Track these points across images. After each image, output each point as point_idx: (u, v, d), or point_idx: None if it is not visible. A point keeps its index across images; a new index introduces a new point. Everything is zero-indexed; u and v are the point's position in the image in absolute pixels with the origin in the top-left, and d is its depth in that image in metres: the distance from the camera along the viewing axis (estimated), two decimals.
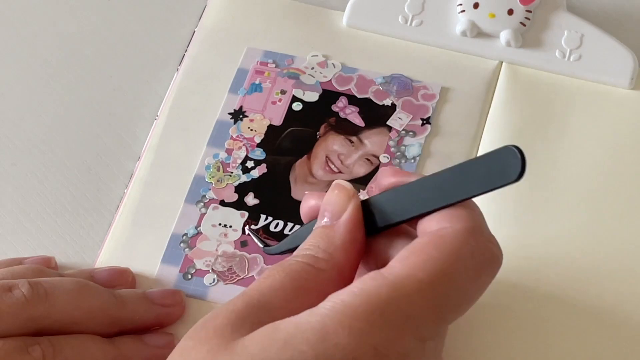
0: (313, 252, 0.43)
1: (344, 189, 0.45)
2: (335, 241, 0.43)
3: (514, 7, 0.61)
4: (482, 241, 0.42)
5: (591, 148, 0.58)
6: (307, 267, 0.42)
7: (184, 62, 0.62)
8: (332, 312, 0.39)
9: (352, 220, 0.44)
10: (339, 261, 0.43)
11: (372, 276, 0.40)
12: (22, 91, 0.62)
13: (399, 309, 0.39)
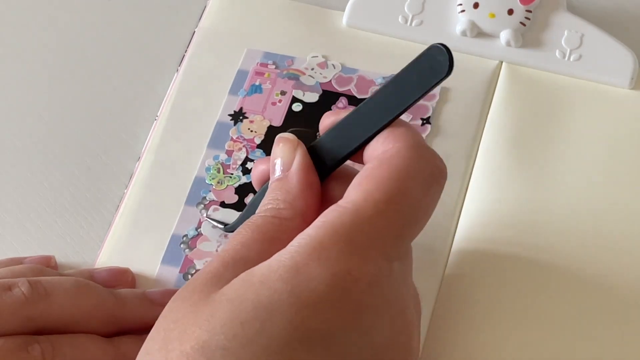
0: (274, 204, 0.45)
1: (287, 140, 0.47)
2: (292, 189, 0.45)
3: (514, 7, 0.61)
4: (426, 155, 0.44)
5: (591, 148, 0.58)
6: (272, 219, 0.44)
7: (183, 63, 0.62)
8: (300, 248, 0.41)
9: (302, 166, 0.46)
10: (300, 207, 0.45)
11: (333, 208, 0.42)
12: (22, 91, 0.62)
13: (363, 232, 0.41)
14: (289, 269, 0.40)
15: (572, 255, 0.54)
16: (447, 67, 0.43)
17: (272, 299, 0.39)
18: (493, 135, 0.58)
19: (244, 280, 0.41)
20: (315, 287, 0.40)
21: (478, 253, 0.54)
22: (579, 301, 0.52)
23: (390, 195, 0.42)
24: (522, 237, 0.54)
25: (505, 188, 0.56)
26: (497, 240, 0.54)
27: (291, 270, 0.40)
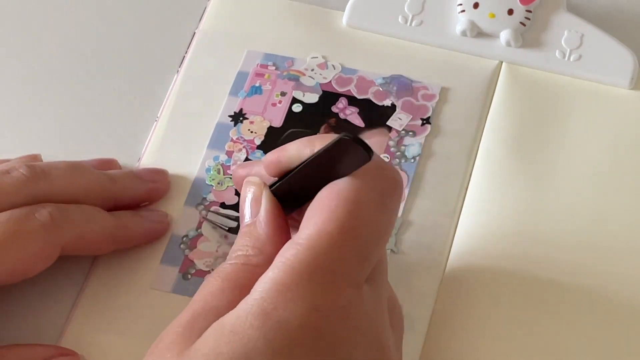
0: (243, 251, 0.45)
1: (254, 184, 0.47)
2: (261, 236, 0.45)
3: (514, 7, 0.61)
4: (375, 171, 0.43)
5: (591, 148, 0.58)
6: (242, 267, 0.44)
7: (184, 65, 0.62)
8: (264, 293, 0.40)
9: (269, 212, 0.45)
10: (270, 253, 0.44)
11: (288, 246, 0.42)
12: (22, 92, 0.62)
13: (322, 267, 0.41)
14: (258, 315, 0.40)
15: (572, 253, 0.54)
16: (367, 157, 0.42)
17: (247, 349, 0.39)
18: (493, 135, 0.58)
19: (215, 331, 0.40)
20: (286, 330, 0.39)
21: (478, 253, 0.54)
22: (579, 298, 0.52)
23: (343, 223, 0.42)
24: (522, 236, 0.54)
25: (505, 188, 0.56)
26: (497, 240, 0.54)
27: (260, 317, 0.40)
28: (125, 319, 0.52)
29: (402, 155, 0.57)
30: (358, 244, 0.42)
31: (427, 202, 0.56)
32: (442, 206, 0.56)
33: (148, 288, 0.53)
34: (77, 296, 0.53)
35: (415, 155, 0.57)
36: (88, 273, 0.54)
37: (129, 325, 0.52)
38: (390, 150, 0.57)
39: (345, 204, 0.42)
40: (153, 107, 0.61)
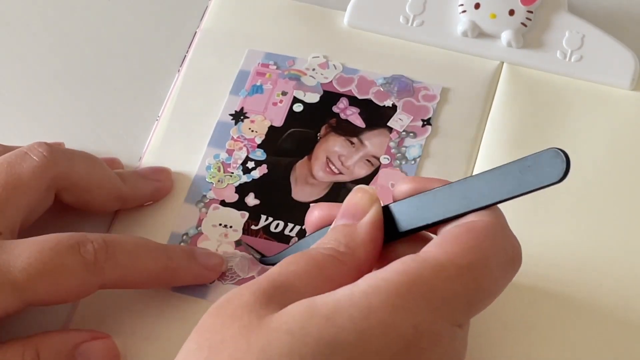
0: (335, 245, 0.44)
1: (366, 192, 0.46)
2: (357, 238, 0.44)
3: (515, 8, 0.61)
4: (510, 237, 0.44)
5: (592, 149, 0.58)
6: (330, 258, 0.43)
7: (185, 64, 0.62)
8: (375, 290, 0.40)
9: (374, 221, 0.45)
10: (359, 258, 0.44)
11: (413, 258, 0.41)
12: (22, 91, 0.62)
13: (439, 292, 0.40)
14: (361, 309, 0.39)
15: (572, 252, 0.54)
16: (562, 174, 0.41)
17: (337, 338, 0.38)
18: (494, 136, 0.58)
19: (306, 311, 0.39)
20: (381, 334, 0.39)
21: None
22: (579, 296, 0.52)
23: (474, 263, 0.41)
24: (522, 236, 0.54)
25: None
26: None
27: (362, 311, 0.39)
28: (125, 317, 0.52)
29: (403, 156, 0.57)
30: (475, 291, 0.41)
31: None
32: None
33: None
34: None
35: (416, 156, 0.57)
36: None
37: (129, 324, 0.52)
38: (391, 151, 0.57)
39: (481, 248, 0.42)
40: (154, 106, 0.61)
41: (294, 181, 0.57)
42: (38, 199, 0.50)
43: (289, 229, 0.55)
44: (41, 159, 0.50)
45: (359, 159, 0.57)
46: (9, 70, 0.63)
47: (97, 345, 0.49)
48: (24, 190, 0.49)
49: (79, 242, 0.48)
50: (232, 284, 0.53)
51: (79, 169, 0.52)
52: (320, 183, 0.56)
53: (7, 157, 0.50)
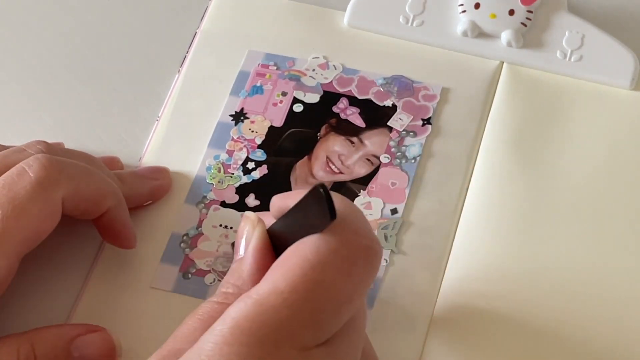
0: (224, 288, 0.43)
1: (247, 219, 0.45)
2: (243, 274, 0.43)
3: (515, 8, 0.61)
4: (346, 236, 0.41)
5: (592, 148, 0.58)
6: (216, 306, 0.42)
7: (185, 64, 0.62)
8: (212, 345, 0.39)
9: (256, 250, 0.43)
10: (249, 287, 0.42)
11: (242, 299, 0.40)
12: (23, 91, 0.62)
13: (267, 325, 0.39)
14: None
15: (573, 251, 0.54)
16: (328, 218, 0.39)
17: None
18: (494, 136, 0.58)
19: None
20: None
21: (478, 253, 0.54)
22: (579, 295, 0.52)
23: (296, 283, 0.39)
24: (523, 236, 0.54)
25: (505, 188, 0.56)
26: (497, 240, 0.54)
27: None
28: (125, 318, 0.52)
29: (403, 155, 0.57)
30: (310, 307, 0.39)
31: (428, 202, 0.56)
32: (442, 206, 0.56)
33: (148, 287, 0.53)
34: (77, 295, 0.53)
35: (416, 155, 0.57)
36: (88, 272, 0.54)
37: (129, 324, 0.52)
38: (391, 150, 0.57)
39: (302, 264, 0.40)
40: (154, 107, 0.61)
41: (294, 181, 0.57)
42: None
43: None
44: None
45: (359, 158, 0.57)
46: (9, 70, 0.63)
47: (92, 338, 0.49)
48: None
49: (24, 166, 0.48)
50: None
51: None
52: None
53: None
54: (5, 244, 0.46)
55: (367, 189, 0.56)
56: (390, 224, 0.55)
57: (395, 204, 0.56)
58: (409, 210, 0.55)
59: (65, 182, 0.49)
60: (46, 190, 0.48)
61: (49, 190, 0.48)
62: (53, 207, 0.48)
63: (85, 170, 0.50)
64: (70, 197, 0.49)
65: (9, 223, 0.46)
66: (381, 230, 0.55)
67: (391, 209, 0.55)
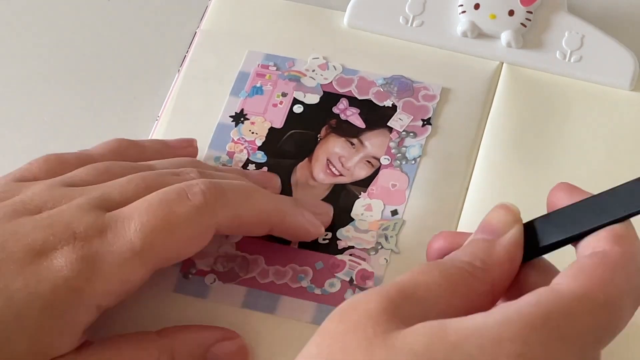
0: (471, 259, 0.42)
1: (509, 209, 0.44)
2: (495, 256, 0.42)
3: (514, 8, 0.61)
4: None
5: (592, 149, 0.58)
6: (464, 273, 0.41)
7: (184, 64, 0.62)
8: (507, 321, 0.38)
9: (515, 240, 0.43)
10: (493, 276, 0.42)
11: (547, 290, 0.39)
12: (22, 91, 0.62)
13: (572, 327, 0.38)
14: (492, 339, 0.37)
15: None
16: None
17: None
18: (493, 136, 0.58)
19: (434, 333, 0.37)
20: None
21: None
22: None
23: (610, 299, 0.39)
24: None
25: (505, 189, 0.56)
26: None
27: (493, 342, 0.37)
28: (125, 318, 0.52)
29: (403, 156, 0.57)
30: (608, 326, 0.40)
31: (428, 202, 0.56)
32: (442, 207, 0.56)
33: (148, 287, 0.53)
34: None
35: (416, 156, 0.57)
36: None
37: (129, 324, 0.52)
38: (391, 151, 0.57)
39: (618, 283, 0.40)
40: (154, 107, 0.61)
41: (295, 183, 0.57)
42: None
43: None
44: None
45: (359, 160, 0.57)
46: (9, 70, 0.63)
47: (228, 346, 0.49)
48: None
49: (185, 187, 0.47)
50: (233, 284, 0.53)
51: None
52: (321, 185, 0.56)
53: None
54: (149, 256, 0.46)
55: (367, 191, 0.56)
56: (391, 225, 0.55)
57: (396, 205, 0.56)
58: (409, 211, 0.56)
59: (222, 210, 0.48)
60: (202, 216, 0.47)
61: (205, 217, 0.47)
62: (204, 234, 0.48)
63: (244, 193, 0.49)
64: (228, 223, 0.49)
65: (159, 238, 0.46)
66: (382, 232, 0.55)
67: (391, 210, 0.55)
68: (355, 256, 0.54)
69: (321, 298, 0.52)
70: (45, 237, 0.45)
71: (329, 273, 0.53)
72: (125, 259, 0.45)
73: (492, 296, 0.42)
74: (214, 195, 0.47)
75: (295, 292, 0.53)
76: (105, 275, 0.45)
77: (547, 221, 0.44)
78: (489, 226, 0.44)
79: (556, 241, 0.44)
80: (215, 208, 0.47)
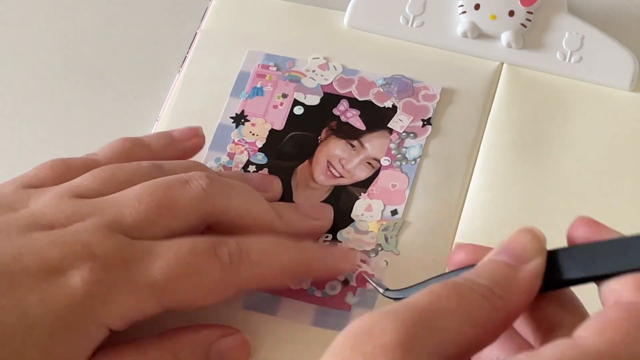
0: (491, 284, 0.40)
1: (536, 236, 0.43)
2: (515, 284, 0.41)
3: (515, 9, 0.61)
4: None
5: (592, 149, 0.58)
6: (484, 301, 0.39)
7: (185, 65, 0.62)
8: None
9: (539, 270, 0.41)
10: (510, 305, 0.40)
11: (570, 344, 0.38)
12: (22, 92, 0.62)
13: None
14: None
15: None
16: None
17: None
18: (494, 137, 0.58)
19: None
20: None
21: None
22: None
23: (635, 358, 0.37)
24: None
25: (505, 189, 0.57)
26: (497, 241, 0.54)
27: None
28: None
29: (403, 157, 0.57)
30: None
31: (428, 203, 0.56)
32: (442, 207, 0.56)
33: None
34: None
35: (416, 157, 0.57)
36: None
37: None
38: (392, 152, 0.57)
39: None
40: (154, 107, 0.61)
41: (295, 185, 0.57)
42: (187, 227, 0.49)
43: None
44: (199, 191, 0.49)
45: (360, 162, 0.57)
46: (9, 70, 0.63)
47: (229, 342, 0.50)
48: (176, 215, 0.48)
49: (215, 244, 0.48)
50: None
51: (236, 205, 0.50)
52: (321, 187, 0.56)
53: (167, 180, 0.49)
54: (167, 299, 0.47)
55: (367, 192, 0.56)
56: (391, 225, 0.55)
57: (396, 206, 0.56)
58: (409, 211, 0.56)
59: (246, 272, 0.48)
60: (227, 275, 0.48)
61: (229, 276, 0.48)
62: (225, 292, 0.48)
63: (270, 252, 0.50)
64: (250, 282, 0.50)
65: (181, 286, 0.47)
66: (381, 232, 0.55)
67: (391, 210, 0.56)
68: None
69: (322, 300, 0.52)
70: (62, 254, 0.46)
71: None
72: (144, 293, 0.46)
73: (504, 326, 0.40)
74: (238, 256, 0.48)
75: (296, 294, 0.53)
76: (121, 303, 0.46)
77: (570, 254, 0.42)
78: (513, 250, 0.42)
79: (578, 277, 0.42)
80: (240, 270, 0.48)
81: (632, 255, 0.40)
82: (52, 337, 0.45)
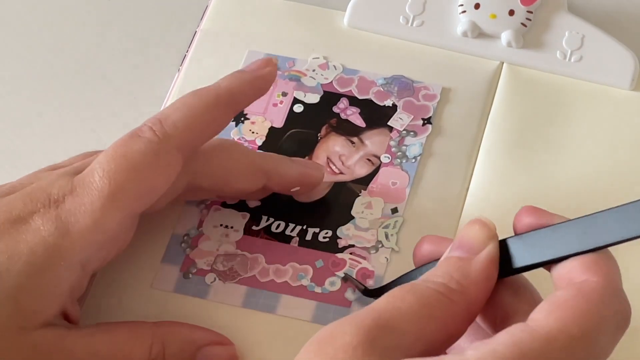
0: (446, 280, 0.41)
1: (485, 225, 0.43)
2: (471, 275, 0.41)
3: (515, 8, 0.61)
4: (622, 299, 0.41)
5: (592, 149, 0.58)
6: (440, 296, 0.40)
7: (184, 64, 0.62)
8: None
9: (491, 257, 0.42)
10: (470, 296, 0.41)
11: (521, 328, 0.39)
12: (22, 91, 0.62)
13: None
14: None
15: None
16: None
17: None
18: (494, 136, 0.58)
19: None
20: None
21: None
22: None
23: (586, 332, 0.38)
24: None
25: (506, 188, 0.56)
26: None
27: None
28: (126, 318, 0.52)
29: (404, 155, 0.57)
30: (587, 358, 0.39)
31: (428, 202, 0.56)
32: (442, 206, 0.56)
33: (149, 287, 0.53)
34: None
35: (417, 155, 0.57)
36: None
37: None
38: (392, 150, 0.57)
39: (593, 315, 0.39)
40: (154, 106, 0.61)
41: None
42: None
43: (290, 229, 0.55)
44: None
45: (360, 158, 0.57)
46: (9, 70, 0.63)
47: (219, 351, 0.50)
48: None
49: (135, 130, 0.49)
50: (233, 283, 0.53)
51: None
52: (321, 183, 0.56)
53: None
54: (119, 197, 0.47)
55: (367, 189, 0.56)
56: (391, 223, 0.55)
57: (396, 203, 0.56)
58: (410, 209, 0.56)
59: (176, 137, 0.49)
60: (158, 145, 0.48)
61: (161, 145, 0.49)
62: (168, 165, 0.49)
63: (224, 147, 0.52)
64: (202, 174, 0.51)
65: (123, 177, 0.47)
66: (382, 230, 0.55)
67: (392, 208, 0.55)
68: (356, 255, 0.54)
69: (321, 297, 0.52)
70: (24, 204, 0.47)
71: (330, 271, 0.53)
72: (97, 205, 0.47)
73: (468, 317, 0.41)
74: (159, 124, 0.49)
75: (295, 291, 0.53)
76: (80, 228, 0.46)
77: (521, 241, 0.43)
78: (464, 243, 0.43)
79: (529, 264, 0.43)
80: (167, 132, 0.49)
81: (579, 239, 0.41)
82: (21, 283, 0.45)
